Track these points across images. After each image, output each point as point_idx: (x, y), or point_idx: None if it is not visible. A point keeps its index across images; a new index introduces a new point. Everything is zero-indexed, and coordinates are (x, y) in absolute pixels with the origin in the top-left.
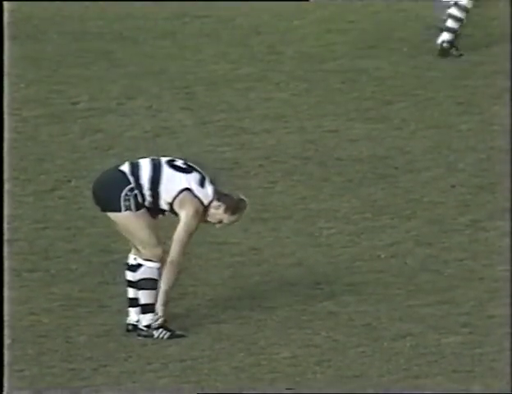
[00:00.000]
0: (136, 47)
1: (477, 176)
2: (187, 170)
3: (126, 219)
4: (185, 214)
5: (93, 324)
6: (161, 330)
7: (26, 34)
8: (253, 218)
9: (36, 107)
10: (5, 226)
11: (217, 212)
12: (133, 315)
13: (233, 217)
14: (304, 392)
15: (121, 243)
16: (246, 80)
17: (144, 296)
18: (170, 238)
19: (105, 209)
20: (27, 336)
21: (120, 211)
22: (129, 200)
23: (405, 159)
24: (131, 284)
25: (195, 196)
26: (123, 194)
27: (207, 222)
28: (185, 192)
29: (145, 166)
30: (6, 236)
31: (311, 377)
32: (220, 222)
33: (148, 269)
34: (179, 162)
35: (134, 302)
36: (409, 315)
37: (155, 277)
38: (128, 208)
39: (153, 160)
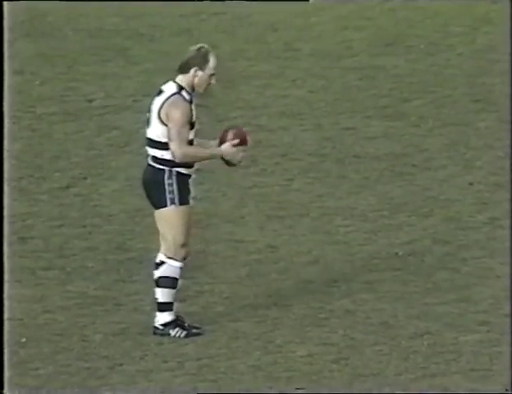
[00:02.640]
0: (152, 44)
1: (495, 174)
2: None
3: (170, 213)
4: (170, 116)
5: (108, 322)
6: (177, 329)
7: (41, 31)
8: (270, 216)
9: (51, 104)
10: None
11: (198, 75)
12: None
13: (212, 62)
14: (320, 392)
15: (137, 240)
16: (263, 77)
17: (162, 294)
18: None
19: (156, 208)
20: (42, 334)
21: (166, 206)
22: (172, 192)
23: (423, 157)
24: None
25: (171, 95)
26: (166, 186)
27: (205, 88)
28: (164, 105)
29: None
30: (20, 234)
31: (328, 375)
32: (211, 78)
33: (169, 267)
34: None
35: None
36: (426, 313)
37: (176, 276)
38: (172, 202)
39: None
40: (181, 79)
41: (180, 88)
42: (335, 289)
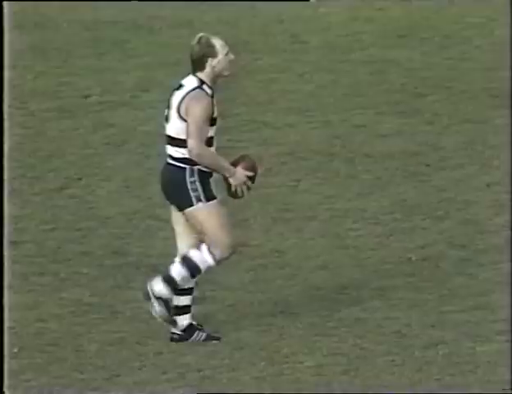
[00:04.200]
0: (151, 36)
1: None
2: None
3: (201, 211)
4: (190, 111)
5: (105, 331)
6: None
7: (34, 22)
8: (276, 219)
9: (45, 100)
10: (5, 227)
11: (215, 64)
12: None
13: (218, 43)
14: None
15: (135, 244)
16: (268, 71)
17: (179, 274)
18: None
19: (181, 209)
20: (35, 344)
21: (193, 205)
22: (196, 190)
23: (438, 156)
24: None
25: (192, 90)
26: (188, 185)
27: (229, 68)
28: (184, 99)
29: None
30: (12, 238)
31: (337, 387)
32: (228, 55)
33: (201, 257)
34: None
35: (186, 309)
36: (441, 322)
37: (201, 267)
38: (199, 199)
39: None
40: (200, 74)
41: (202, 82)
42: (344, 296)
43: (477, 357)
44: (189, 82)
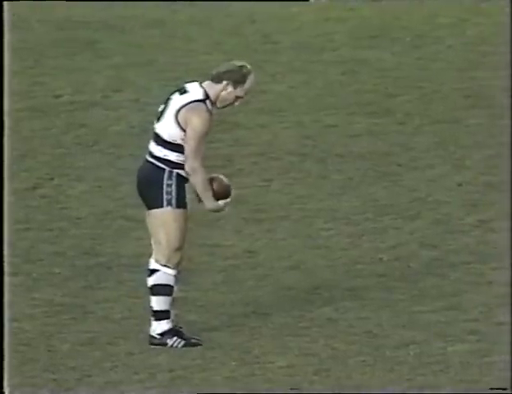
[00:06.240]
0: (123, 36)
1: (486, 174)
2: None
3: (166, 215)
4: (190, 123)
5: (76, 332)
6: (175, 338)
7: (6, 22)
8: (248, 219)
9: (17, 100)
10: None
11: (228, 91)
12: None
13: (247, 85)
14: None
15: (106, 245)
16: None
17: (158, 303)
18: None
19: (150, 208)
20: (7, 344)
21: (162, 206)
22: (170, 193)
23: (409, 156)
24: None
25: (195, 101)
26: (164, 186)
27: (225, 106)
28: (184, 107)
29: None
30: None
31: (308, 387)
32: (237, 99)
33: (164, 275)
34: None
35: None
36: (412, 322)
37: (171, 284)
38: (169, 203)
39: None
40: (209, 86)
41: (206, 96)
42: (316, 296)
43: (448, 357)
44: (194, 91)
